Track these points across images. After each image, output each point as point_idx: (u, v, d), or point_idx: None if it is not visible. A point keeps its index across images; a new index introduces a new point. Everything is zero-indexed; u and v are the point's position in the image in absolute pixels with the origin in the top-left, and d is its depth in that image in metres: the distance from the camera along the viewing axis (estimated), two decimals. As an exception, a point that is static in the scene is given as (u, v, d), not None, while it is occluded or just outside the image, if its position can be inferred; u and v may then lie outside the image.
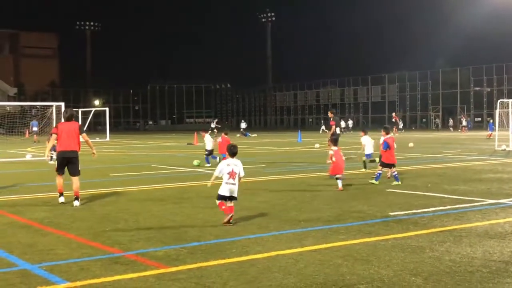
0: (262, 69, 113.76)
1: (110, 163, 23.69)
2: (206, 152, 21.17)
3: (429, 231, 8.80)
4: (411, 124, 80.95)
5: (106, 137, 50.44)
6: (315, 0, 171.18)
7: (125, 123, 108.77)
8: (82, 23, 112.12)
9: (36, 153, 28.41)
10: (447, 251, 7.52)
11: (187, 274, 6.58)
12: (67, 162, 12.28)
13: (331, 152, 14.11)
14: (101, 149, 34.60)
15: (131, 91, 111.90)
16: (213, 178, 9.77)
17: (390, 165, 14.73)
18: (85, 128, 50.03)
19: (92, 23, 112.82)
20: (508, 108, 33.40)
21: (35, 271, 6.80)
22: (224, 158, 20.57)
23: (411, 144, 31.53)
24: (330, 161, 14.09)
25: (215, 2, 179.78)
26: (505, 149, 27.94)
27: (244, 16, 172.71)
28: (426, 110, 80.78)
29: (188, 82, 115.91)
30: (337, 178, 13.76)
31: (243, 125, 61.29)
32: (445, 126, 70.21)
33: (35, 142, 41.30)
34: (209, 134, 22.51)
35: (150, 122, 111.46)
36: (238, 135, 51.97)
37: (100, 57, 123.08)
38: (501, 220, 9.67)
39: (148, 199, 12.70)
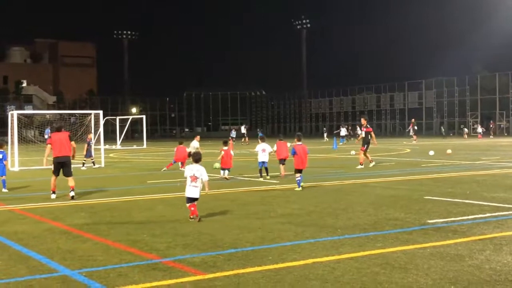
0: (297, 76, 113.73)
1: (147, 170, 23.97)
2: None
3: (469, 239, 8.66)
4: (449, 130, 79.65)
5: (143, 145, 50.95)
6: (350, 7, 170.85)
7: (162, 130, 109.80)
8: (120, 32, 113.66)
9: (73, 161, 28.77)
10: (487, 259, 7.40)
11: (224, 281, 6.61)
12: (62, 166, 14.48)
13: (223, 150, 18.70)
14: (138, 156, 35.00)
15: (168, 98, 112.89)
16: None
17: (298, 170, 15.75)
18: (122, 136, 50.01)
19: (129, 32, 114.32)
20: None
21: (75, 277, 6.92)
22: (181, 166, 22.48)
23: (449, 151, 31.06)
24: (219, 158, 19.07)
25: (251, 9, 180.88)
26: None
27: (279, 23, 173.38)
28: (464, 116, 79.49)
29: (223, 90, 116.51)
30: (223, 169, 18.94)
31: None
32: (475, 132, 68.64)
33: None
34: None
35: (186, 129, 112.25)
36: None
37: (137, 65, 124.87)
38: (543, 229, 9.46)
39: (185, 206, 12.75)
